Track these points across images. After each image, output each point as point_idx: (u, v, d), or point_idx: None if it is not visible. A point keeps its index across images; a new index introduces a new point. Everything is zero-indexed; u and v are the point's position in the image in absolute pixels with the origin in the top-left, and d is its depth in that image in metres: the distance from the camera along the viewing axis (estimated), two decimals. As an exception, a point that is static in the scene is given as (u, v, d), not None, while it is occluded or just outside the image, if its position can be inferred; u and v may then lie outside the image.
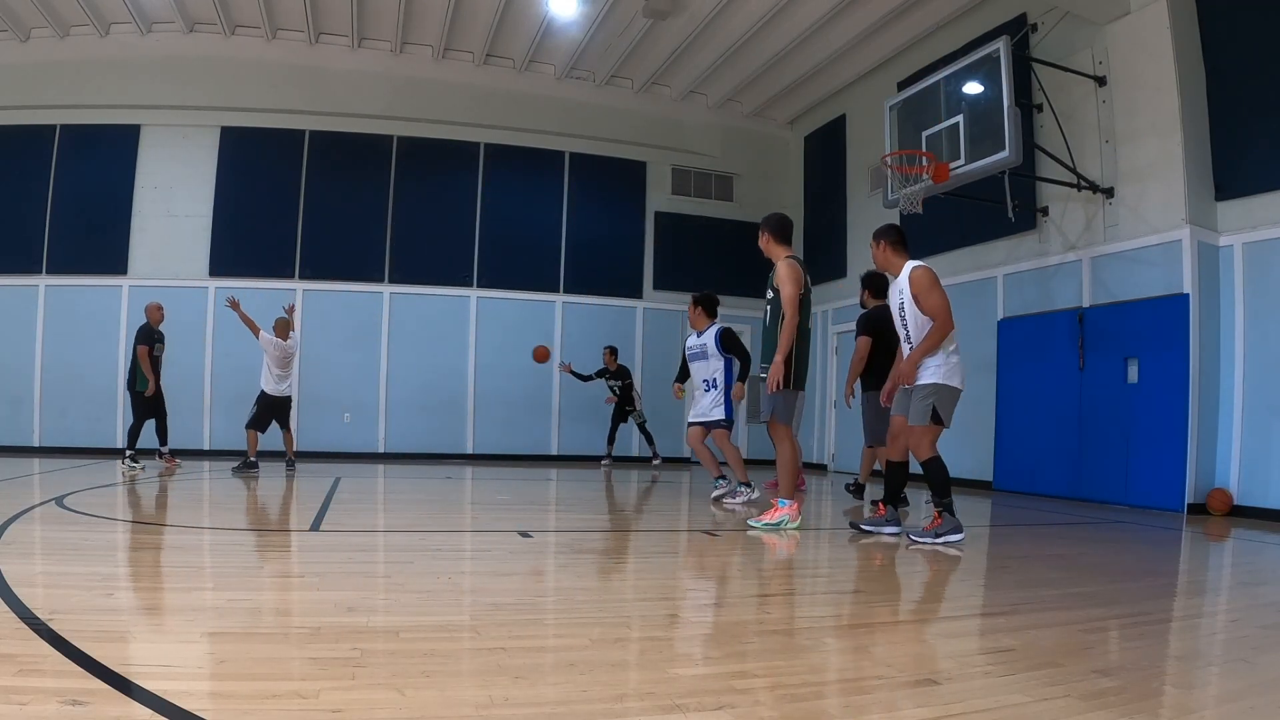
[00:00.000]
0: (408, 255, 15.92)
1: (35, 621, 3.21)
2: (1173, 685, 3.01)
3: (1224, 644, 3.70)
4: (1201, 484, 9.57)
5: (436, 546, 5.91)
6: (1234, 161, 9.75)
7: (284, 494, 9.29)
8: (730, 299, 17.30)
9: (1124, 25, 10.44)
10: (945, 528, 6.32)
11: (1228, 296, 9.70)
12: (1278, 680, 3.04)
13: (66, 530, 5.97)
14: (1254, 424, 9.38)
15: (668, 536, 7.12)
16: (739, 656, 3.20)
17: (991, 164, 10.22)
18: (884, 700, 2.72)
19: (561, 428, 16.57)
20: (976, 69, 10.54)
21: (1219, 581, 5.78)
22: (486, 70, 16.19)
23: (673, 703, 2.57)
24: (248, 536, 6.09)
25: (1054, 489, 11.19)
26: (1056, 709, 2.64)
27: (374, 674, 2.80)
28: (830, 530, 7.90)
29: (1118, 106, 10.59)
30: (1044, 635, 3.60)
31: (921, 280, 6.43)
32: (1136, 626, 3.95)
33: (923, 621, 4.05)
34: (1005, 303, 12.29)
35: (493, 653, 3.12)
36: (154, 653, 3.06)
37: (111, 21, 14.57)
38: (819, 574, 5.62)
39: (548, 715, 2.47)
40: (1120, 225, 10.56)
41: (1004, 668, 3.10)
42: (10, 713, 2.27)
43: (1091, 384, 10.76)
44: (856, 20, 13.71)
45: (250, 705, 2.45)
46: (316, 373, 14.94)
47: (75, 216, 14.70)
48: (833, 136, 16.83)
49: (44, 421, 14.48)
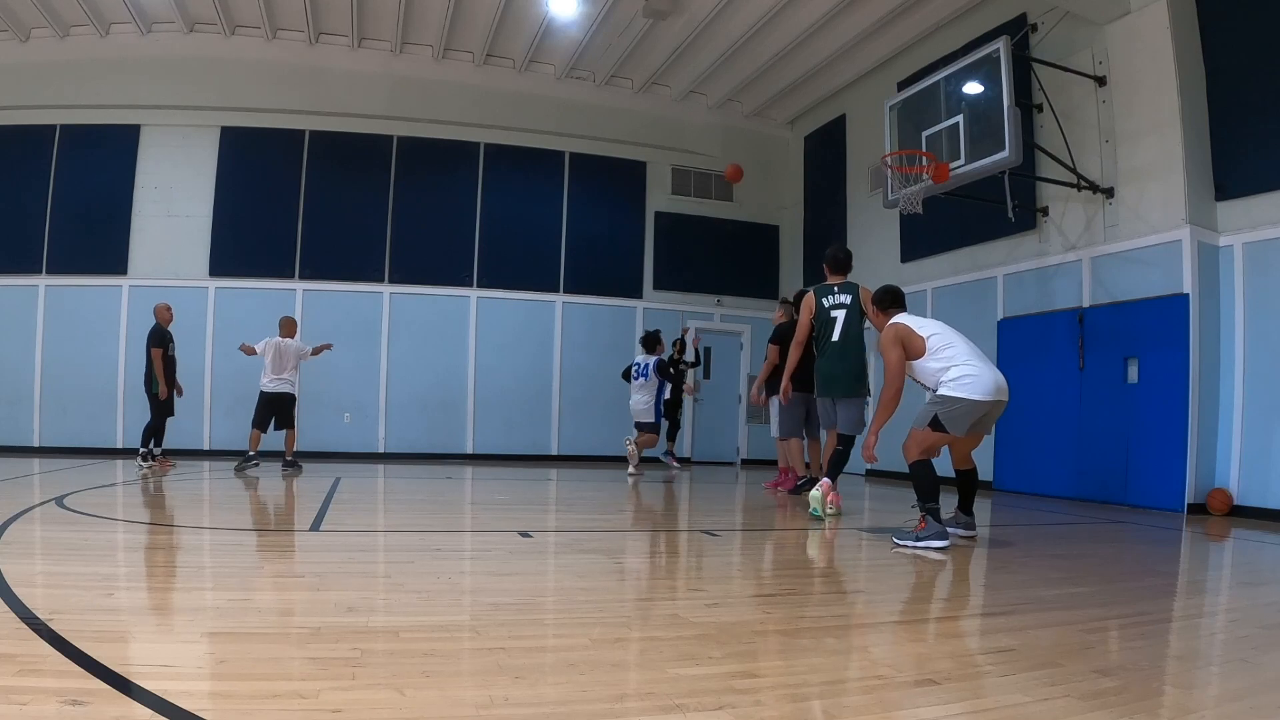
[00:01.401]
0: (408, 255, 15.91)
1: (35, 621, 3.21)
2: (1173, 685, 3.01)
3: (1224, 644, 3.70)
4: (1201, 484, 9.57)
5: (436, 546, 5.91)
6: (1234, 161, 9.74)
7: (284, 494, 9.29)
8: (730, 299, 17.40)
9: (1124, 25, 10.44)
10: (927, 533, 6.22)
11: (1228, 296, 9.70)
12: (1278, 680, 3.04)
13: (66, 530, 5.97)
14: (1254, 424, 9.37)
15: (668, 536, 7.12)
16: (739, 656, 3.20)
17: (991, 164, 10.22)
18: (884, 700, 2.72)
19: (562, 428, 16.56)
20: (976, 69, 10.54)
21: (1219, 581, 5.78)
22: (486, 70, 16.18)
23: (673, 703, 2.57)
24: (248, 536, 6.09)
25: (1054, 489, 11.19)
26: (1056, 709, 2.64)
27: (374, 674, 2.80)
28: (830, 530, 7.90)
29: (1118, 106, 10.59)
30: (1044, 635, 3.60)
31: (883, 337, 6.70)
32: (1136, 626, 3.95)
33: (923, 621, 4.05)
34: (1005, 303, 12.29)
35: (493, 653, 3.11)
36: (154, 653, 3.06)
37: (112, 21, 14.56)
38: (819, 574, 5.62)
39: (548, 715, 2.47)
40: (1120, 225, 10.56)
41: (1004, 668, 3.10)
42: (10, 713, 2.28)
43: (1091, 384, 10.76)
44: (856, 20, 13.70)
45: (250, 705, 2.45)
46: (317, 373, 14.92)
47: (75, 216, 14.69)
48: (833, 136, 16.82)
49: (44, 421, 14.47)
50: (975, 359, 6.44)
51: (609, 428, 16.11)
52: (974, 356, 6.46)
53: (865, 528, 7.60)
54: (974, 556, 6.09)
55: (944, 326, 6.71)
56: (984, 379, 6.31)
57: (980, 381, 6.31)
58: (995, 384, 6.33)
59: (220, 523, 7.05)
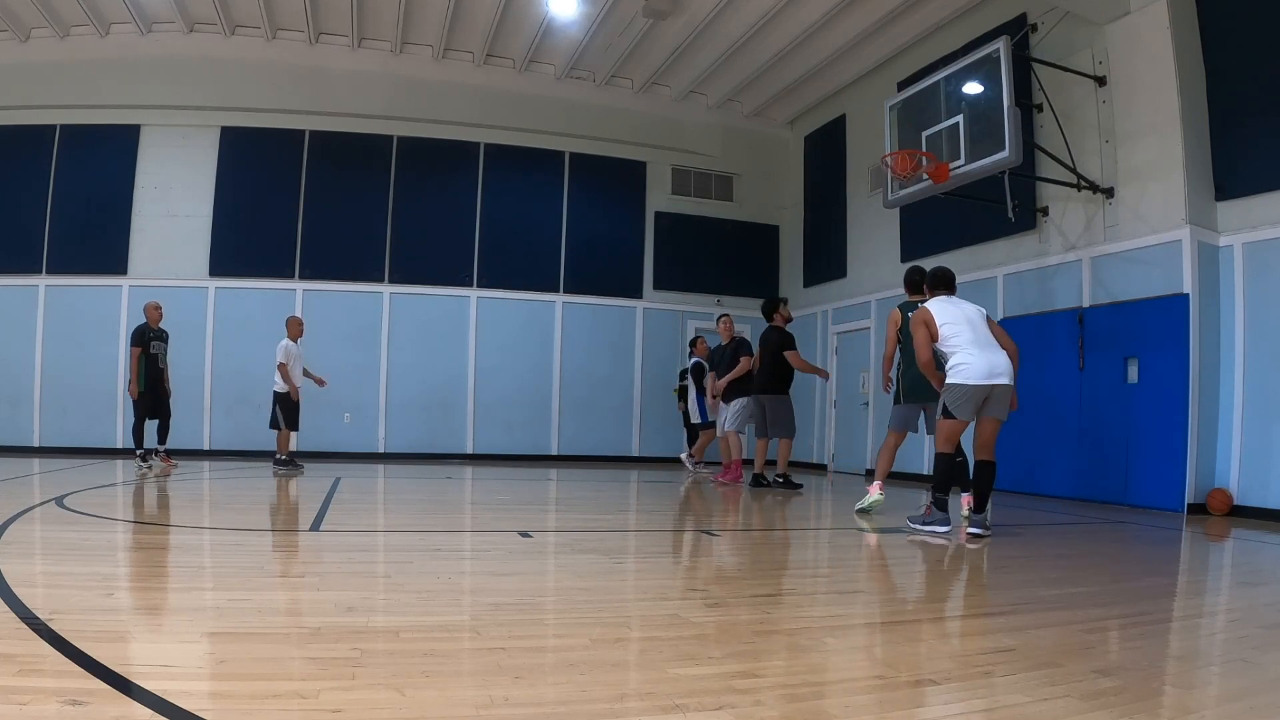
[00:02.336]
0: (408, 255, 15.90)
1: (35, 621, 3.21)
2: (1173, 685, 3.01)
3: (1224, 644, 3.70)
4: (1201, 484, 9.56)
5: (436, 546, 5.91)
6: (1234, 161, 9.73)
7: (284, 495, 9.29)
8: (730, 299, 17.38)
9: (1124, 25, 10.43)
10: (932, 519, 6.84)
11: (1228, 296, 9.69)
12: (1278, 680, 3.04)
13: (66, 530, 5.97)
14: (1254, 424, 9.36)
15: (668, 536, 7.12)
16: (739, 656, 3.20)
17: (991, 164, 10.20)
18: (884, 700, 2.72)
19: (562, 428, 16.55)
20: (976, 69, 10.53)
21: (1219, 581, 5.78)
22: (486, 70, 16.19)
23: (673, 703, 2.57)
24: (248, 537, 6.09)
25: (1054, 489, 11.18)
26: (1056, 709, 2.64)
27: (374, 674, 2.80)
28: (830, 530, 7.90)
29: (1117, 106, 10.58)
30: (1044, 635, 3.60)
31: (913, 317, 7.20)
32: (1136, 626, 3.94)
33: (923, 621, 4.05)
34: (1005, 302, 12.28)
35: (493, 653, 3.12)
36: (154, 653, 3.06)
37: (112, 22, 14.56)
38: (819, 574, 5.62)
39: (548, 715, 2.47)
40: (1120, 225, 10.55)
41: (1004, 668, 3.10)
42: (10, 712, 2.28)
43: (1091, 384, 10.75)
44: (856, 20, 13.70)
45: (250, 705, 2.45)
46: (317, 373, 14.92)
47: (75, 216, 14.70)
48: (833, 136, 16.81)
49: (44, 421, 14.47)
50: (974, 347, 6.74)
51: (609, 428, 16.15)
52: (974, 345, 6.75)
53: (865, 528, 7.60)
54: (974, 556, 6.09)
55: (961, 315, 6.97)
56: (976, 365, 6.65)
57: (971, 368, 6.65)
58: (988, 369, 6.66)
59: (220, 523, 7.04)
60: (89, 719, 2.25)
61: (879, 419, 14.70)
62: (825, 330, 16.55)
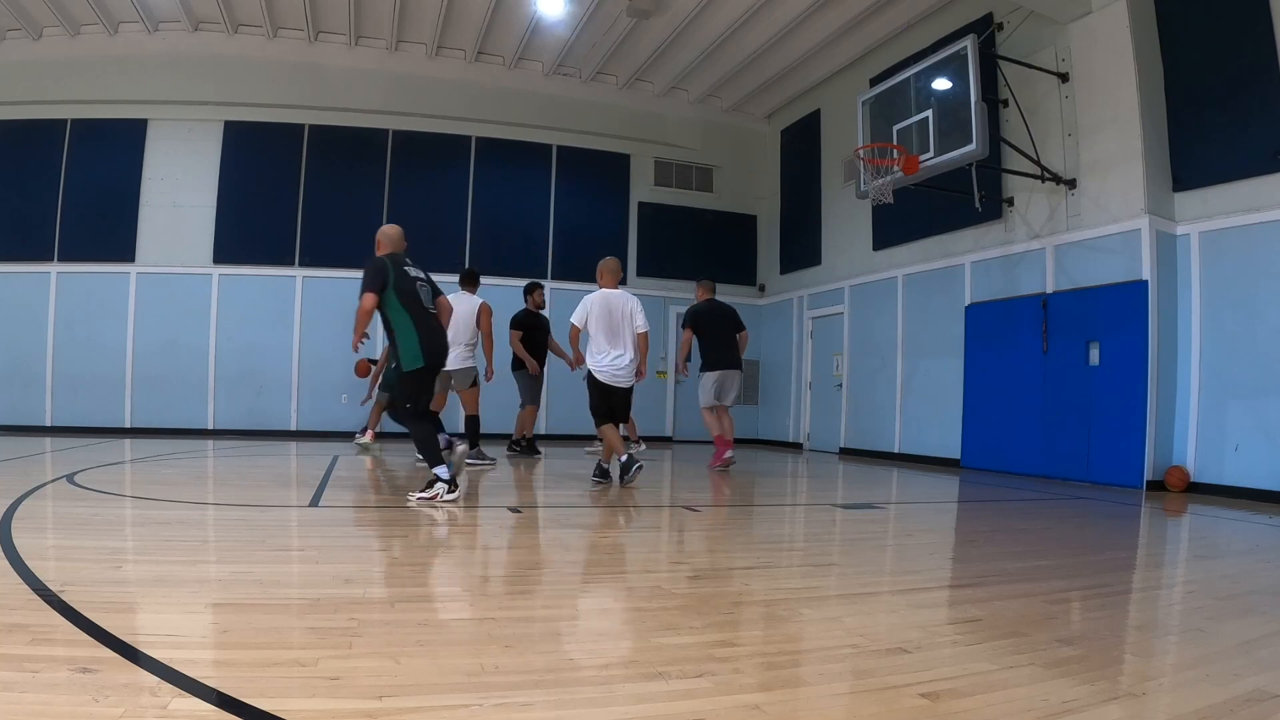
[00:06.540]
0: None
1: (47, 593, 3.20)
2: (1132, 654, 3.02)
3: (1181, 614, 3.71)
4: (1160, 462, 9.61)
5: (431, 521, 5.89)
6: (1190, 154, 9.75)
7: (284, 472, 9.26)
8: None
9: (1086, 24, 10.44)
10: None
11: (1185, 283, 9.71)
12: (1232, 649, 3.05)
13: (77, 506, 5.94)
14: (1210, 404, 9.41)
15: (650, 512, 7.11)
16: (719, 626, 3.20)
17: (959, 156, 10.20)
18: (857, 668, 2.73)
19: (550, 408, 16.52)
20: (945, 66, 10.52)
21: (1176, 555, 5.80)
22: (477, 67, 16.11)
23: (655, 670, 2.57)
24: (250, 512, 6.06)
25: (1019, 467, 11.23)
26: (1021, 676, 2.65)
27: (370, 643, 2.79)
28: (806, 506, 7.91)
29: (1080, 101, 10.59)
30: (1009, 606, 3.61)
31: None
32: (1098, 598, 3.96)
33: (893, 593, 4.05)
34: (973, 289, 12.30)
35: (483, 623, 3.11)
36: (160, 623, 3.04)
37: (120, 20, 14.42)
38: (796, 548, 5.62)
39: (536, 683, 2.46)
40: (1082, 215, 10.57)
41: (971, 637, 3.11)
42: (23, 680, 2.27)
43: (1055, 366, 10.79)
44: (831, 19, 13.67)
45: (252, 673, 2.44)
46: (316, 356, 14.90)
47: (85, 207, 14.57)
48: (808, 130, 16.79)
49: (55, 402, 14.38)
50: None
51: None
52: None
53: (839, 503, 7.61)
54: (942, 531, 6.11)
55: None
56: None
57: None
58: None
59: (224, 499, 7.01)
60: (99, 686, 2.24)
61: (852, 400, 14.76)
62: (801, 315, 16.54)
